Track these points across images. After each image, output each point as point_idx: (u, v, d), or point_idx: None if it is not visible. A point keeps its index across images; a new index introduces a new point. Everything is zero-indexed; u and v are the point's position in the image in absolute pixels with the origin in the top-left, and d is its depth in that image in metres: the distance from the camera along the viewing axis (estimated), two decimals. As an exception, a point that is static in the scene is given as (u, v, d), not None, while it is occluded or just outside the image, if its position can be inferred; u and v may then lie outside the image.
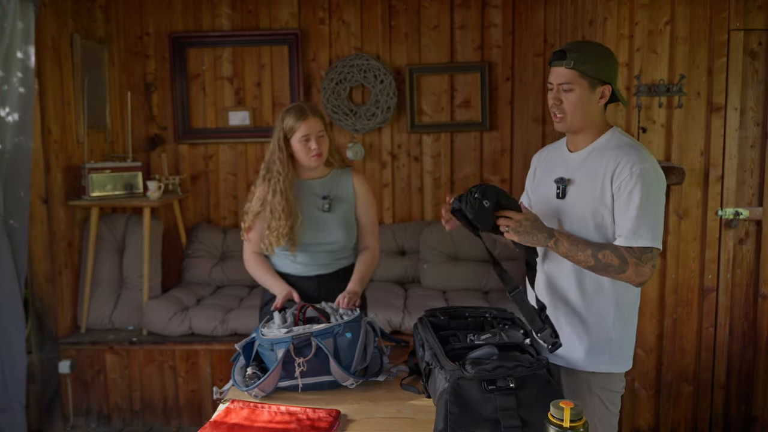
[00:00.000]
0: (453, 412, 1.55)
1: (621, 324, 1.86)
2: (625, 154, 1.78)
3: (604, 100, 1.82)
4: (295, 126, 2.28)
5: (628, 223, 1.74)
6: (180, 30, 4.34)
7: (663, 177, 1.80)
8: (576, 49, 1.79)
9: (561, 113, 1.83)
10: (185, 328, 3.71)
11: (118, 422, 3.77)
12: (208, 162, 4.45)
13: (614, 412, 1.89)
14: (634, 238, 1.73)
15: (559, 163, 1.95)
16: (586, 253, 1.74)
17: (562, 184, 1.88)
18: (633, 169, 1.74)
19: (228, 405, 1.80)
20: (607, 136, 1.86)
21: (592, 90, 1.79)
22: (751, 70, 3.08)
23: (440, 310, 2.13)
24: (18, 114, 3.19)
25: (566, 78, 1.79)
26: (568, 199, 1.87)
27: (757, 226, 3.17)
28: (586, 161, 1.86)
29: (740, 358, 3.25)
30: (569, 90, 1.79)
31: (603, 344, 1.86)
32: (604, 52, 1.82)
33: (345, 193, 2.38)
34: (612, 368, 1.87)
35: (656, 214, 1.76)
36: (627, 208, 1.74)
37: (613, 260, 1.73)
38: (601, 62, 1.79)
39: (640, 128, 3.09)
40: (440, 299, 3.89)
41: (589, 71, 1.77)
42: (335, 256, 2.37)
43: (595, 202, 1.80)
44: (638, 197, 1.73)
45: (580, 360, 1.87)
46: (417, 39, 4.31)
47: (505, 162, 4.40)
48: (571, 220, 1.85)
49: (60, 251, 3.71)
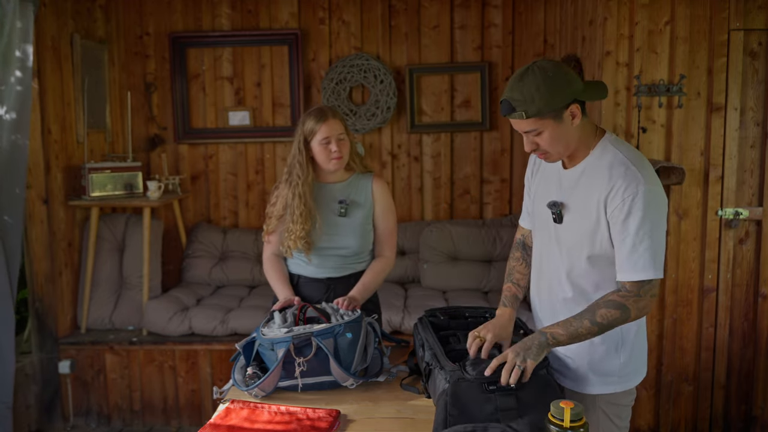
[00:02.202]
0: (453, 414, 1.55)
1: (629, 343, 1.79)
2: (620, 176, 1.63)
3: (577, 118, 1.66)
4: (315, 129, 2.24)
5: (624, 257, 1.63)
6: (180, 30, 4.34)
7: (661, 195, 1.66)
8: (518, 98, 1.61)
9: (543, 153, 1.71)
10: (185, 328, 3.71)
11: (118, 422, 3.77)
12: (208, 162, 4.45)
13: (621, 425, 1.82)
14: (633, 272, 1.62)
15: (554, 180, 1.83)
16: (585, 326, 1.64)
17: (556, 209, 1.77)
18: (625, 195, 1.61)
19: (228, 405, 1.80)
20: (599, 149, 1.71)
21: (560, 120, 1.64)
22: (751, 70, 3.08)
23: (440, 310, 2.13)
24: (15, 112, 3.19)
25: (529, 127, 1.65)
26: (565, 225, 1.77)
27: (757, 226, 3.17)
28: (579, 182, 1.73)
29: (740, 358, 3.25)
30: (538, 134, 1.66)
31: (610, 367, 1.78)
32: (547, 80, 1.60)
33: (363, 198, 2.33)
34: (618, 388, 1.79)
35: (654, 240, 1.62)
36: (623, 239, 1.63)
37: (613, 314, 1.63)
38: (551, 92, 1.60)
39: (640, 128, 3.09)
40: (440, 299, 3.89)
41: (547, 109, 1.61)
42: (347, 261, 2.34)
43: (591, 228, 1.69)
44: (634, 226, 1.61)
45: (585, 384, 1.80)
46: (417, 39, 4.31)
47: (505, 162, 4.41)
48: (568, 246, 1.76)
49: (60, 251, 3.71)
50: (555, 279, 1.82)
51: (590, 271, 1.74)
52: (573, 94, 1.63)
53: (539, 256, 1.90)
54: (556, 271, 1.81)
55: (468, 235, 4.14)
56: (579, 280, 1.76)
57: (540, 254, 1.90)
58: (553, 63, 1.66)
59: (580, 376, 1.80)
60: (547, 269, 1.85)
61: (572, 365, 1.81)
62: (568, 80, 1.63)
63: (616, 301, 1.64)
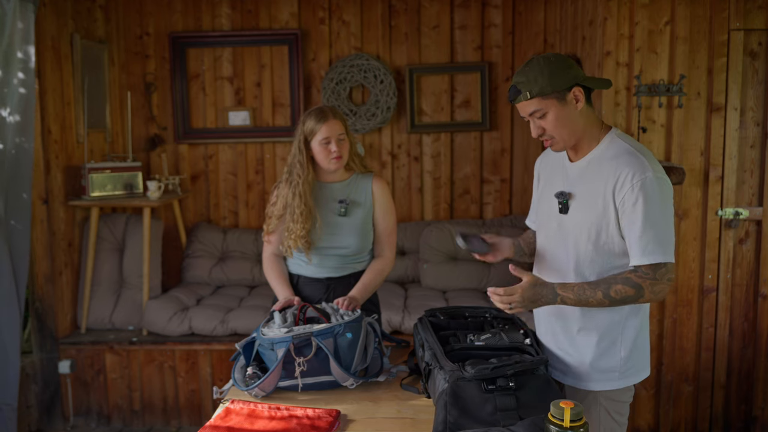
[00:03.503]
0: (452, 414, 1.55)
1: (629, 340, 1.80)
2: (626, 164, 1.68)
3: (581, 103, 1.72)
4: (315, 128, 2.24)
5: (635, 242, 1.67)
6: (180, 30, 4.34)
7: (667, 183, 1.70)
8: (523, 80, 1.71)
9: (549, 138, 1.77)
10: (185, 328, 3.71)
11: (118, 422, 3.77)
12: (208, 162, 4.46)
13: (620, 422, 1.84)
14: (644, 256, 1.66)
15: (560, 173, 1.87)
16: (597, 296, 1.68)
17: (563, 198, 1.81)
18: (634, 181, 1.66)
19: (228, 405, 1.80)
20: (606, 142, 1.77)
21: (564, 102, 1.71)
22: (751, 70, 3.08)
23: (440, 310, 2.13)
24: (19, 115, 3.19)
25: (533, 107, 1.72)
26: (571, 214, 1.80)
27: (757, 226, 3.17)
28: (585, 172, 1.78)
29: (740, 358, 3.25)
30: (543, 116, 1.72)
31: (610, 363, 1.79)
32: (550, 63, 1.71)
33: (363, 198, 2.33)
34: (620, 384, 1.81)
35: (663, 225, 1.67)
36: (633, 225, 1.67)
37: (627, 291, 1.67)
38: (554, 73, 1.69)
39: (640, 128, 3.09)
40: (440, 299, 3.89)
41: (548, 89, 1.69)
42: (347, 260, 2.34)
43: (598, 217, 1.73)
44: (641, 211, 1.65)
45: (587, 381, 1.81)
46: (417, 39, 4.31)
47: (505, 162, 4.41)
48: (574, 235, 1.79)
49: (60, 251, 3.71)
50: (562, 269, 1.83)
51: (595, 260, 1.76)
52: (575, 78, 1.71)
53: (543, 251, 1.92)
54: (561, 263, 1.83)
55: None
56: (584, 270, 1.78)
57: (544, 248, 1.92)
58: (556, 53, 1.76)
59: (582, 372, 1.81)
60: (552, 262, 1.87)
61: (573, 362, 1.82)
62: (569, 65, 1.72)
63: (632, 280, 1.68)
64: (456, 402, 1.56)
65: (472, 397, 1.57)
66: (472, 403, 1.56)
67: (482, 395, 1.57)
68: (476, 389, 1.57)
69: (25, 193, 3.26)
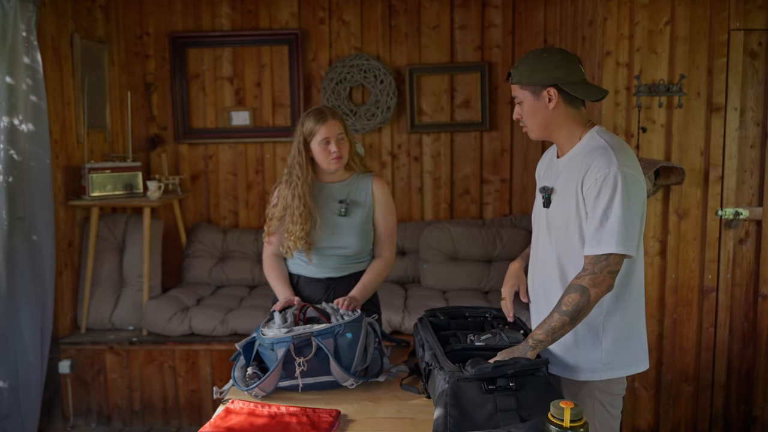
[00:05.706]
0: (452, 414, 1.55)
1: (613, 330, 1.79)
2: (596, 157, 1.70)
3: (553, 102, 1.76)
4: (314, 129, 2.24)
5: (591, 234, 1.69)
6: (180, 30, 4.34)
7: (635, 179, 1.70)
8: (517, 65, 1.81)
9: (523, 124, 1.86)
10: (185, 328, 3.71)
11: (118, 422, 3.77)
12: (208, 162, 4.46)
13: (615, 414, 1.85)
14: (594, 247, 1.67)
15: (550, 169, 1.91)
16: (555, 319, 1.69)
17: (545, 193, 1.86)
18: (598, 175, 1.68)
19: (228, 405, 1.81)
20: (586, 139, 1.79)
21: (536, 97, 1.77)
22: (751, 70, 3.08)
23: (440, 310, 2.13)
24: (32, 124, 3.21)
25: (514, 92, 1.83)
26: (552, 208, 1.84)
27: (757, 226, 3.17)
28: (565, 168, 1.81)
29: (740, 358, 3.25)
30: (520, 103, 1.82)
31: (594, 354, 1.80)
32: (539, 57, 1.77)
33: (363, 198, 2.33)
34: (606, 375, 1.81)
35: (623, 218, 1.65)
36: (592, 218, 1.69)
37: (574, 298, 1.66)
38: (537, 68, 1.75)
39: (640, 128, 3.09)
40: (440, 299, 3.89)
41: (525, 80, 1.77)
42: (347, 260, 2.34)
43: (571, 210, 1.75)
44: (603, 204, 1.66)
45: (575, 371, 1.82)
46: (417, 39, 4.31)
47: (505, 162, 4.41)
48: (554, 228, 1.82)
49: (60, 251, 3.71)
50: (546, 264, 1.86)
51: (573, 253, 1.78)
52: (554, 79, 1.75)
53: (535, 244, 1.96)
54: (547, 257, 1.86)
55: (468, 235, 4.14)
56: (565, 261, 1.80)
57: (536, 242, 1.95)
58: (560, 50, 1.81)
59: (569, 363, 1.83)
60: (542, 255, 1.90)
61: (559, 353, 1.84)
62: (556, 65, 1.75)
63: (573, 285, 1.69)
64: (456, 402, 1.56)
65: (473, 397, 1.57)
66: (473, 404, 1.56)
67: (482, 395, 1.57)
68: (476, 389, 1.57)
69: (48, 209, 3.32)
